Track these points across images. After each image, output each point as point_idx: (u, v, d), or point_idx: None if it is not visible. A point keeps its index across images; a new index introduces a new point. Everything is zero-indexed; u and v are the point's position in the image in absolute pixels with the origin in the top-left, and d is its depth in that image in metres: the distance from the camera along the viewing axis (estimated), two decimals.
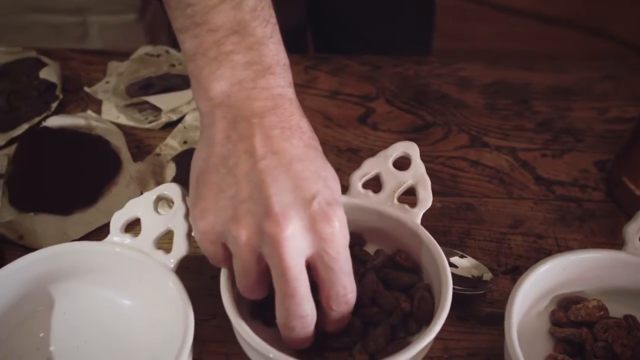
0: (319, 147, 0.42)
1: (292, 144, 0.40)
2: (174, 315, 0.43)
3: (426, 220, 0.56)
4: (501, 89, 0.71)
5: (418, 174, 0.48)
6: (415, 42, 0.99)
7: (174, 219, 0.46)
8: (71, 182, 0.58)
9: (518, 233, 0.56)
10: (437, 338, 0.48)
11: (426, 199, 0.47)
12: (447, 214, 0.58)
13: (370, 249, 0.49)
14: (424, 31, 1.00)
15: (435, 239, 0.55)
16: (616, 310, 0.47)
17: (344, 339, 0.44)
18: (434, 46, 1.02)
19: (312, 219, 0.38)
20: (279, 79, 0.41)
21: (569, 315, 0.46)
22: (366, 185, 0.48)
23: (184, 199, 0.46)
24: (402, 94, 0.70)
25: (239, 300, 0.43)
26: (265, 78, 0.40)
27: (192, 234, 0.43)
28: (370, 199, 0.48)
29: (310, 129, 0.42)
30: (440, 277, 0.44)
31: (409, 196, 0.49)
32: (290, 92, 0.42)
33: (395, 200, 0.48)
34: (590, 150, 0.64)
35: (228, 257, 0.41)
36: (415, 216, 0.47)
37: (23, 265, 0.44)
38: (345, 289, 0.40)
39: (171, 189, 0.46)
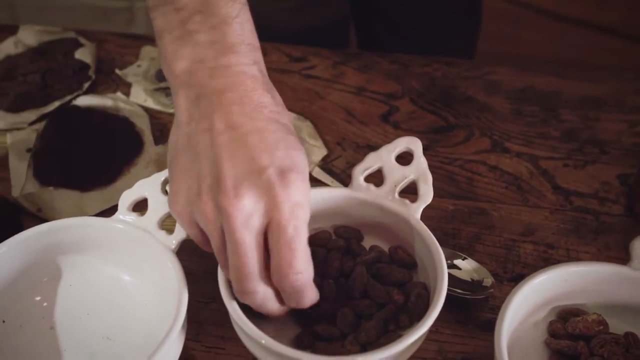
0: (283, 121, 0.42)
1: (251, 118, 0.40)
2: (170, 294, 0.44)
3: (437, 221, 0.57)
4: (530, 95, 0.70)
5: (420, 169, 0.48)
6: (460, 44, 0.98)
7: None
8: (93, 160, 0.60)
9: (529, 241, 0.55)
10: (433, 340, 0.49)
11: (427, 194, 0.47)
12: (458, 217, 0.57)
13: (370, 242, 0.49)
14: (470, 33, 0.99)
15: (444, 241, 0.55)
16: (617, 326, 0.46)
17: (336, 330, 0.44)
18: (481, 49, 1.01)
19: (265, 187, 0.38)
20: (242, 57, 0.41)
21: (566, 327, 0.45)
22: (368, 179, 0.49)
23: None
24: (427, 94, 0.70)
25: None
26: (226, 56, 0.41)
27: None
28: (371, 193, 0.48)
29: (273, 103, 0.42)
30: (437, 272, 0.44)
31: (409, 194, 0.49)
32: (254, 69, 0.42)
33: (396, 195, 0.48)
34: (615, 163, 0.62)
35: (207, 238, 0.41)
36: (415, 211, 0.47)
37: (32, 235, 0.46)
38: (290, 266, 0.38)
39: None
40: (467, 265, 0.50)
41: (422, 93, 0.70)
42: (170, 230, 0.47)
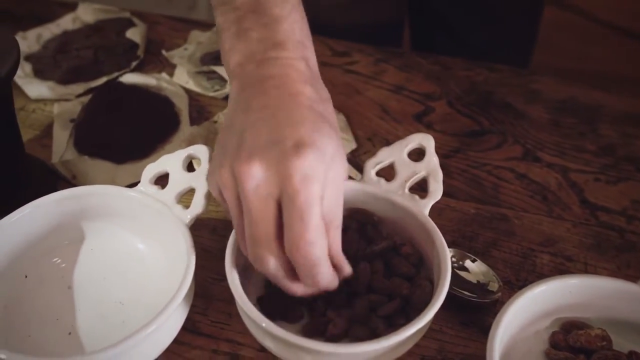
0: (319, 108, 0.42)
1: (284, 102, 0.41)
2: (182, 266, 0.46)
3: (456, 223, 0.57)
4: (570, 107, 0.68)
5: (431, 166, 0.48)
6: (514, 52, 0.97)
7: (198, 179, 0.48)
8: (131, 135, 0.63)
9: (547, 252, 0.55)
10: (435, 338, 0.49)
11: (436, 190, 0.47)
12: (478, 221, 0.57)
13: None
14: (525, 42, 0.98)
15: (460, 243, 0.55)
16: (622, 345, 0.45)
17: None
18: (539, 59, 1.00)
19: (278, 157, 0.39)
20: (289, 52, 0.43)
21: (568, 339, 0.45)
22: (380, 173, 0.49)
23: (210, 161, 0.49)
24: (465, 97, 0.69)
25: (249, 285, 0.45)
26: (274, 50, 0.43)
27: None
28: (381, 187, 0.48)
29: (315, 97, 0.42)
30: (441, 269, 0.44)
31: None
32: (300, 64, 0.43)
33: (406, 190, 0.48)
34: None
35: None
36: (424, 207, 0.47)
37: (55, 200, 0.48)
38: (301, 237, 0.38)
39: (200, 150, 0.49)
40: (475, 268, 0.50)
41: (460, 96, 0.70)
42: (186, 205, 0.48)
